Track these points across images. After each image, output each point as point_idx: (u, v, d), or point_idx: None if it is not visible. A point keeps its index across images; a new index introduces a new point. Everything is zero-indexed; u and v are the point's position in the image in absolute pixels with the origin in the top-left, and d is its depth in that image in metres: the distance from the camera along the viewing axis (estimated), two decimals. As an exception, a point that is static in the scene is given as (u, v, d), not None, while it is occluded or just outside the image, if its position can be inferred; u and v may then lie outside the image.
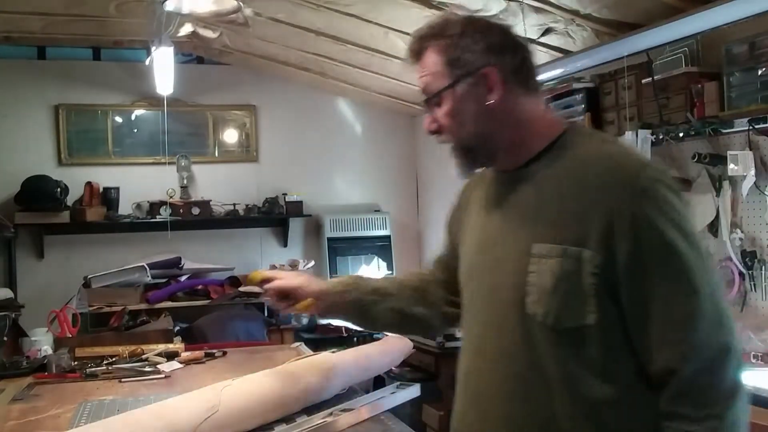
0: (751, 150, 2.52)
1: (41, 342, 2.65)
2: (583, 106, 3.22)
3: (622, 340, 1.12)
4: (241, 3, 3.54)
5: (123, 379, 2.13)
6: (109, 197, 4.66)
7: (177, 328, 3.77)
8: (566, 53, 3.24)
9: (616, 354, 1.12)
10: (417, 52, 1.26)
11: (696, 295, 1.07)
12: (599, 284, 1.10)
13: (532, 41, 3.25)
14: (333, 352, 2.02)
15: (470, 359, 1.27)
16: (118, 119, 4.90)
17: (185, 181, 4.86)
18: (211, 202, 4.83)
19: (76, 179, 4.60)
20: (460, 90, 1.22)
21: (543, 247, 1.14)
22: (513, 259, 1.19)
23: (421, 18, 3.29)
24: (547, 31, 3.17)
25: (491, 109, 1.21)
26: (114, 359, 2.32)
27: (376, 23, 3.52)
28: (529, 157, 1.23)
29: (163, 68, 4.05)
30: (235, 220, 4.94)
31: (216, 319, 4.27)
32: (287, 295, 1.52)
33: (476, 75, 1.21)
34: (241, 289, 4.62)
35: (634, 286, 1.09)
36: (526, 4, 2.91)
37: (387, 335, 2.81)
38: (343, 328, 4.45)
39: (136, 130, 4.97)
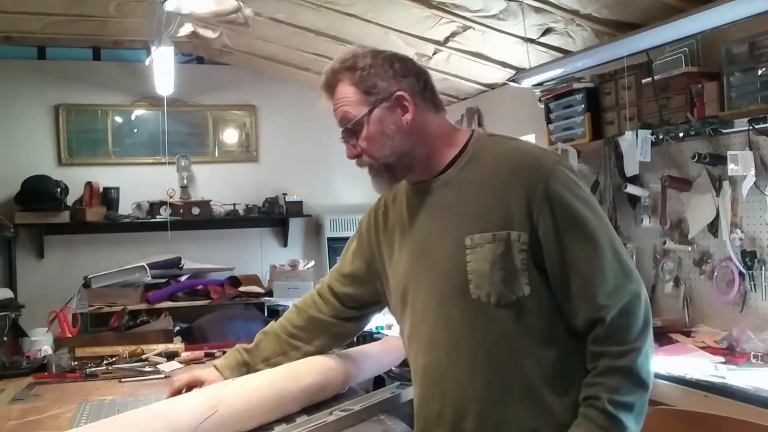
0: (751, 150, 2.51)
1: (41, 342, 2.64)
2: (583, 106, 3.22)
3: (554, 307, 1.29)
4: (241, 3, 3.54)
5: (123, 379, 2.13)
6: (109, 197, 4.66)
7: (177, 328, 3.76)
8: (566, 53, 3.23)
9: (550, 319, 1.29)
10: (331, 86, 1.39)
11: (603, 253, 1.26)
12: (528, 259, 1.28)
13: (532, 41, 3.25)
14: (333, 352, 2.02)
15: (425, 355, 1.38)
16: (118, 119, 4.90)
17: (185, 181, 4.86)
18: (211, 202, 4.84)
19: (76, 179, 4.61)
20: (377, 114, 1.36)
21: (474, 238, 1.30)
22: (449, 255, 1.33)
23: (421, 18, 3.30)
24: (547, 31, 3.17)
25: (407, 128, 1.37)
26: (114, 359, 2.32)
27: (376, 23, 3.52)
28: (443, 165, 1.39)
29: (163, 68, 4.05)
30: (235, 220, 4.94)
31: (216, 319, 4.27)
32: None
33: (390, 99, 1.36)
34: (241, 289, 4.63)
35: (554, 254, 1.27)
36: (526, 4, 2.91)
37: (387, 335, 2.80)
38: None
39: (136, 130, 4.97)
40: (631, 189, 3.01)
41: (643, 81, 2.89)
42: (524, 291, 1.28)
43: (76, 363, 2.28)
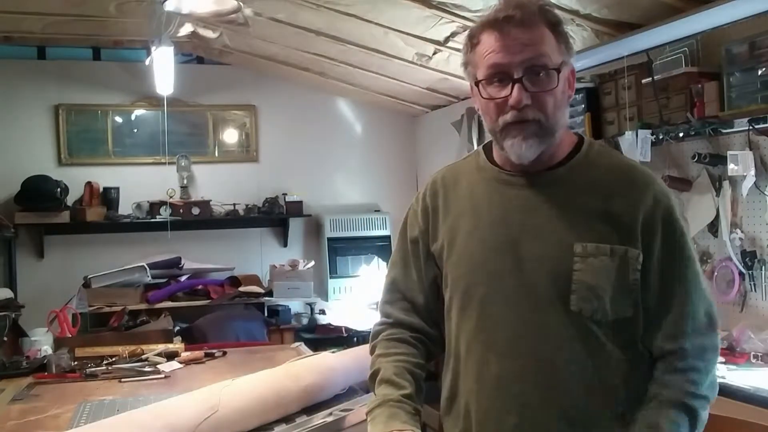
0: (751, 150, 2.51)
1: (41, 342, 2.65)
2: (583, 106, 3.22)
3: (639, 331, 1.24)
4: (241, 3, 3.54)
5: (123, 379, 2.13)
6: (109, 197, 4.65)
7: (177, 328, 3.76)
8: (566, 53, 3.23)
9: (636, 342, 1.24)
10: (529, 21, 1.20)
11: (702, 294, 1.24)
12: (639, 280, 1.22)
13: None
14: (333, 352, 2.03)
15: (501, 362, 1.25)
16: (118, 119, 4.90)
17: (185, 181, 4.86)
18: (211, 202, 4.83)
19: (76, 179, 4.60)
20: (565, 73, 1.24)
21: (587, 247, 1.21)
22: (551, 258, 1.22)
23: (421, 18, 3.30)
24: (547, 31, 3.17)
25: (567, 104, 1.27)
26: (114, 359, 2.32)
27: (376, 23, 3.52)
28: (558, 160, 1.28)
29: (163, 68, 4.05)
30: (235, 220, 4.94)
31: (216, 319, 4.27)
32: None
33: (570, 68, 1.26)
34: (241, 289, 4.62)
35: (660, 280, 1.22)
36: (526, 4, 2.90)
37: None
38: (343, 328, 4.45)
39: (136, 130, 4.97)
40: (631, 189, 3.00)
41: (643, 81, 2.89)
42: (628, 312, 1.22)
43: (76, 363, 2.29)
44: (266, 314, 4.65)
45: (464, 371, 1.31)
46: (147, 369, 2.24)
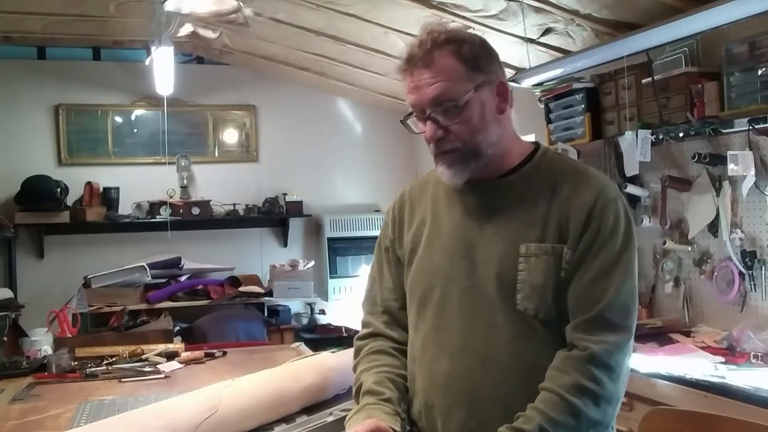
0: (751, 150, 2.51)
1: (41, 342, 2.65)
2: (583, 106, 3.22)
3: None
4: (241, 3, 3.54)
5: (123, 379, 2.13)
6: (109, 197, 4.66)
7: (177, 328, 3.76)
8: (566, 53, 3.23)
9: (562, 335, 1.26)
10: (428, 58, 1.26)
11: (623, 296, 1.26)
12: (567, 277, 1.25)
13: (532, 41, 3.25)
14: (333, 352, 2.03)
15: (452, 361, 1.30)
16: (118, 119, 4.90)
17: (185, 181, 4.86)
18: (211, 202, 4.83)
19: (76, 179, 4.61)
20: (482, 96, 1.28)
21: (530, 247, 1.26)
22: (498, 260, 1.28)
23: (421, 18, 3.29)
24: (547, 31, 3.17)
25: (501, 119, 1.31)
26: (114, 359, 2.32)
27: (376, 23, 3.52)
28: (510, 167, 1.34)
29: (163, 68, 4.05)
30: (235, 220, 4.94)
31: (216, 319, 4.27)
32: None
33: (493, 84, 1.30)
34: (241, 289, 4.63)
35: (581, 273, 1.25)
36: (526, 4, 2.91)
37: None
38: (343, 328, 4.45)
39: (136, 130, 4.97)
40: (631, 189, 3.00)
41: (643, 81, 2.89)
42: (562, 307, 1.26)
43: (76, 363, 2.29)
44: (266, 314, 4.65)
45: (419, 371, 1.36)
46: (147, 369, 2.24)
